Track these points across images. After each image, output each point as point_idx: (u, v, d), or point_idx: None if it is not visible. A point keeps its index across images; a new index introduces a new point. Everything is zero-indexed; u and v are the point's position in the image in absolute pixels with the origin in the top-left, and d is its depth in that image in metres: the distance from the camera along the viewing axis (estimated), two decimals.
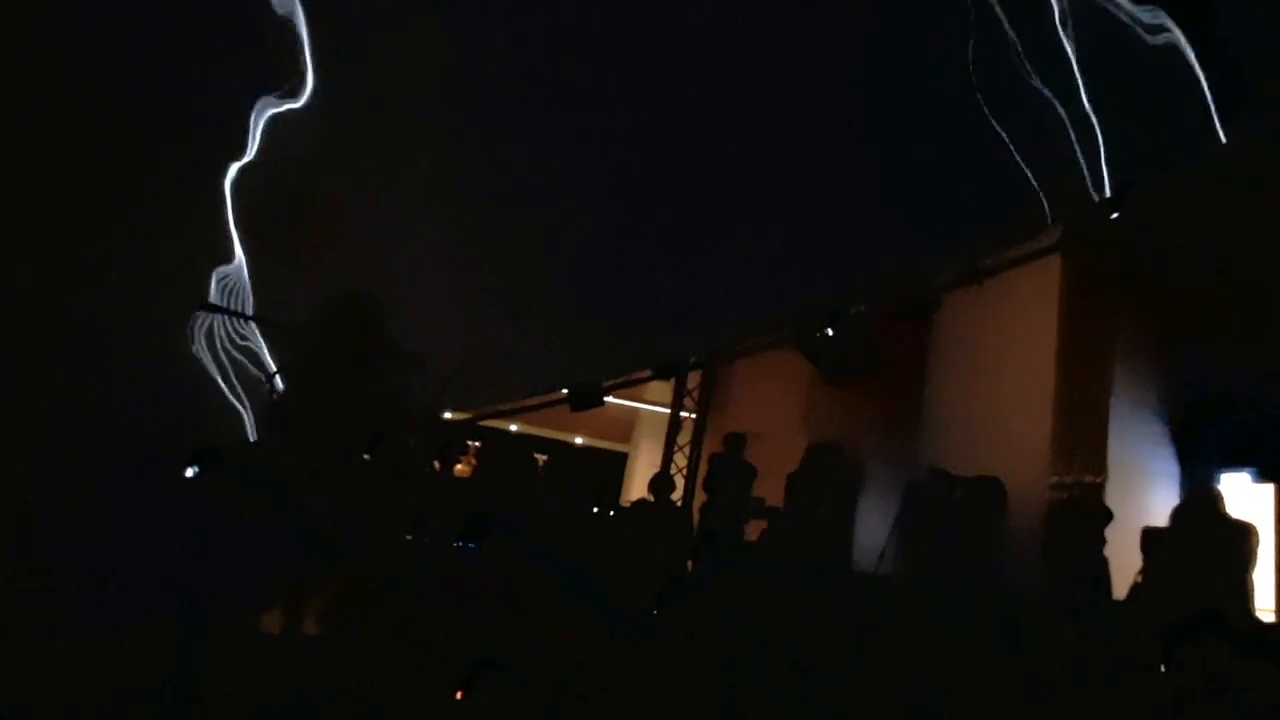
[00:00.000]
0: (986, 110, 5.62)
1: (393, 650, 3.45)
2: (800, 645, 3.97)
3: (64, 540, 3.48)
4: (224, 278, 5.04)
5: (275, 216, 5.40)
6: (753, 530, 7.12)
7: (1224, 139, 4.96)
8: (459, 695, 3.34)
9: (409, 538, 4.87)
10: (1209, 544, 4.30)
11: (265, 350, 4.77)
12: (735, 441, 7.25)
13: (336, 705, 3.08)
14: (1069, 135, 5.48)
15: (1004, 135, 5.64)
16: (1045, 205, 5.68)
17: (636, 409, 11.50)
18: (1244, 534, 4.40)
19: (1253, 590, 4.37)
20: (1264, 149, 4.96)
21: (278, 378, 4.08)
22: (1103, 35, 5.39)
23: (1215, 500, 4.71)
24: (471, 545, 4.84)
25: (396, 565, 4.24)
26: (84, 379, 4.33)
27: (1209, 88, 4.99)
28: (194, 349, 4.75)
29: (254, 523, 3.41)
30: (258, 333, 4.87)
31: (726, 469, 7.17)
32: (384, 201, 5.68)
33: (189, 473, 3.70)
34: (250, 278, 5.11)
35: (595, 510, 7.90)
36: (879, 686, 3.60)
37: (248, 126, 5.42)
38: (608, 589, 4.80)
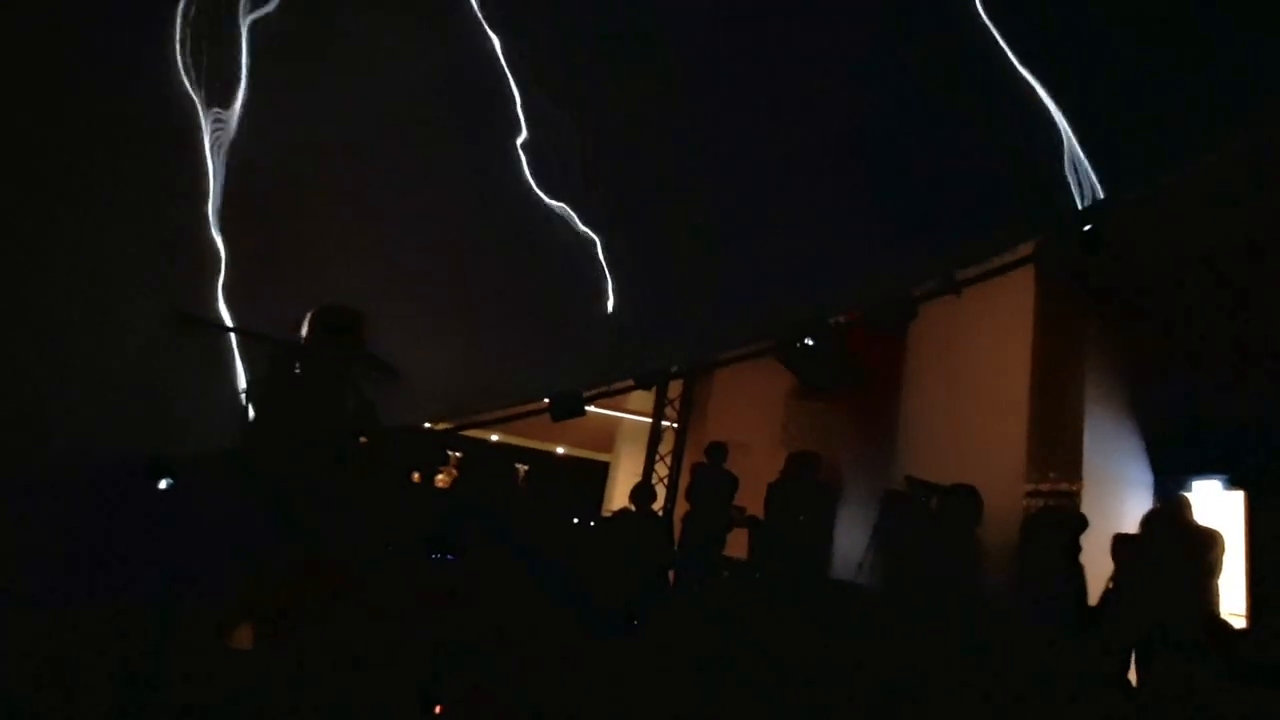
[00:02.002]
0: (964, 119, 5.68)
1: (361, 646, 3.43)
2: (778, 652, 3.98)
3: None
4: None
5: (253, 225, 5.37)
6: (734, 539, 7.13)
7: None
8: (438, 710, 3.33)
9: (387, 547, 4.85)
10: (1175, 552, 4.35)
11: (241, 362, 4.74)
12: (717, 451, 7.26)
13: (304, 696, 3.07)
14: (1044, 147, 5.56)
15: (980, 146, 5.71)
16: (1021, 217, 5.75)
17: (618, 418, 11.49)
18: (1209, 542, 4.47)
19: (1218, 597, 4.43)
20: (1238, 161, 5.06)
21: (253, 389, 4.05)
22: (1077, 48, 5.48)
23: (1182, 509, 4.78)
24: (450, 557, 4.83)
25: (374, 561, 4.22)
26: (54, 381, 4.28)
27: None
28: (170, 355, 4.71)
29: (228, 517, 3.40)
30: (234, 344, 4.83)
31: (708, 478, 7.18)
32: (362, 210, 5.66)
33: (162, 484, 3.68)
34: (227, 287, 5.08)
35: (576, 520, 7.89)
36: (852, 693, 3.62)
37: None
38: (589, 594, 4.80)
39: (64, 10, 4.86)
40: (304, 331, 3.99)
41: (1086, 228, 5.51)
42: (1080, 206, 5.48)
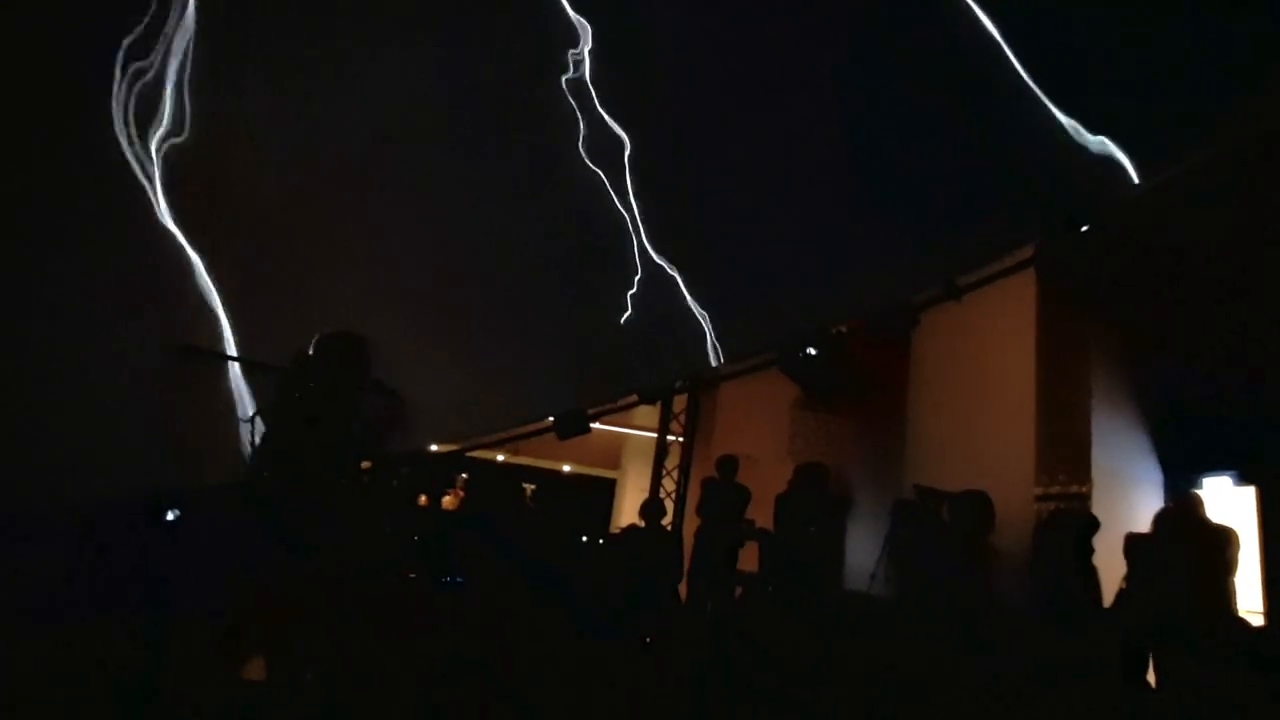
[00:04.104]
0: (960, 124, 5.70)
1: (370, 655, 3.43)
2: (792, 665, 3.95)
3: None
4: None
5: (254, 251, 5.39)
6: (745, 553, 7.09)
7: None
8: None
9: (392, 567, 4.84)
10: (1190, 550, 4.32)
11: (246, 391, 4.75)
12: (728, 464, 7.23)
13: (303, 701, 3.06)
14: (1040, 150, 5.56)
15: (976, 151, 5.72)
16: (1019, 220, 5.75)
17: (624, 434, 11.48)
18: (1224, 539, 4.43)
19: (1234, 594, 4.39)
20: (1238, 156, 5.06)
21: (259, 418, 4.05)
22: (1072, 50, 5.50)
23: (1195, 506, 4.75)
24: (459, 579, 4.81)
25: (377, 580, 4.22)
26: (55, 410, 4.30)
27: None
28: (174, 387, 4.72)
29: (231, 542, 3.41)
30: (239, 373, 4.84)
31: (719, 492, 7.15)
32: (364, 235, 5.68)
33: (169, 516, 3.68)
34: (229, 317, 5.09)
35: (584, 538, 7.85)
36: (868, 702, 3.59)
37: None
38: (600, 610, 4.78)
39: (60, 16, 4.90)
40: (310, 359, 4.00)
41: (1084, 228, 5.51)
42: (1078, 207, 5.49)
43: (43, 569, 3.47)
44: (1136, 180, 5.35)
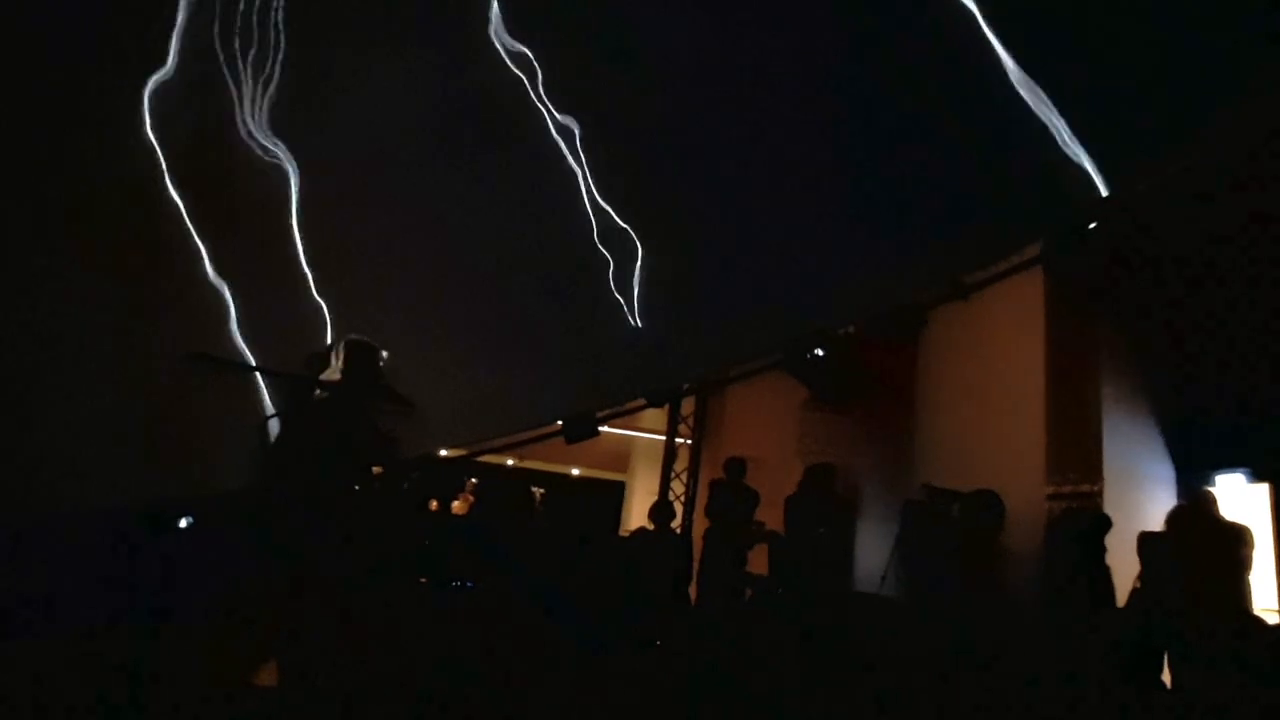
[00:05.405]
0: (964, 123, 5.69)
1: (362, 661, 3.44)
2: (802, 667, 3.95)
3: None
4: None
5: (264, 260, 5.44)
6: (755, 555, 7.08)
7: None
8: None
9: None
10: (1204, 548, 4.29)
11: (256, 397, 4.78)
12: (736, 466, 7.22)
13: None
14: (1045, 148, 5.55)
15: (982, 148, 5.71)
16: (1025, 219, 5.74)
17: (632, 437, 11.49)
18: (1239, 537, 4.40)
19: (1249, 593, 4.36)
20: (1241, 150, 5.04)
21: (269, 424, 4.08)
22: (1075, 47, 5.49)
23: (1208, 504, 4.72)
24: (469, 584, 4.83)
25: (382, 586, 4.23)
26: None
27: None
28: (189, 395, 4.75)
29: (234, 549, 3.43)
30: (251, 381, 4.87)
31: (728, 494, 7.14)
32: (374, 241, 5.72)
33: (182, 523, 3.71)
34: (240, 324, 5.13)
35: (594, 541, 7.86)
36: (877, 704, 3.58)
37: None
38: (609, 613, 4.78)
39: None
40: (321, 366, 4.02)
41: (1092, 225, 5.49)
42: (1083, 205, 5.47)
43: (49, 576, 3.50)
44: (1143, 176, 5.32)
